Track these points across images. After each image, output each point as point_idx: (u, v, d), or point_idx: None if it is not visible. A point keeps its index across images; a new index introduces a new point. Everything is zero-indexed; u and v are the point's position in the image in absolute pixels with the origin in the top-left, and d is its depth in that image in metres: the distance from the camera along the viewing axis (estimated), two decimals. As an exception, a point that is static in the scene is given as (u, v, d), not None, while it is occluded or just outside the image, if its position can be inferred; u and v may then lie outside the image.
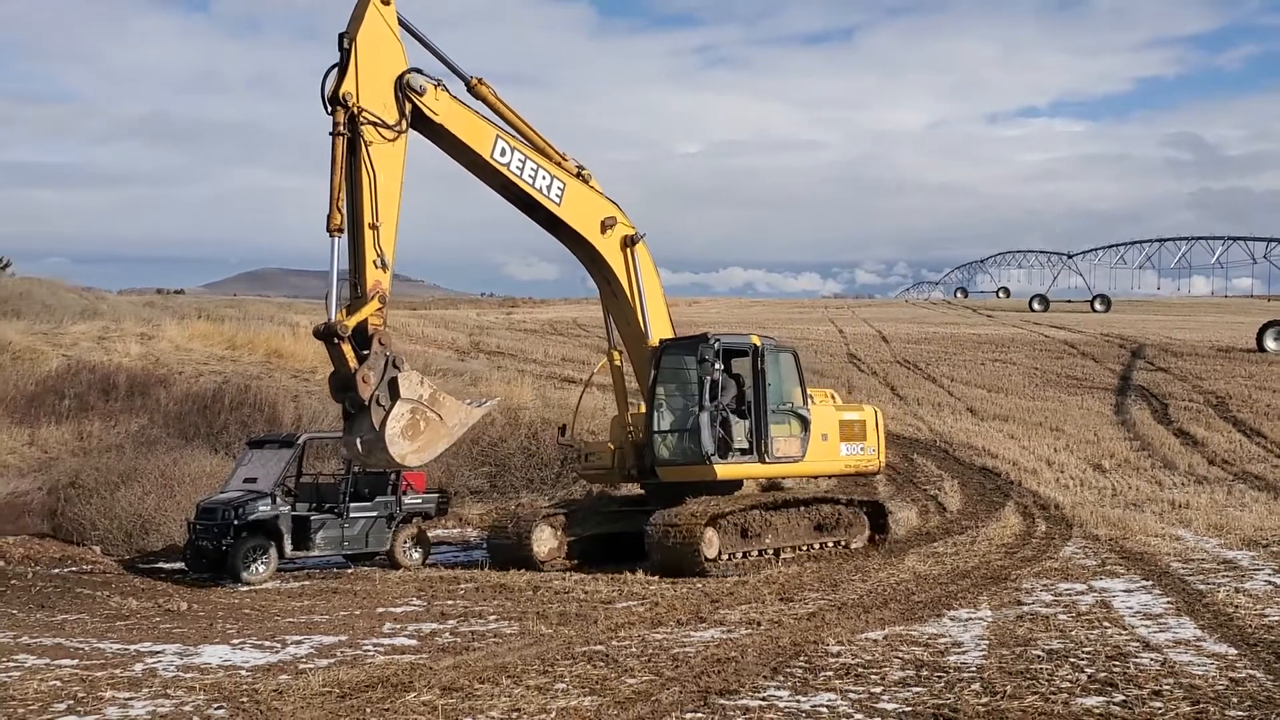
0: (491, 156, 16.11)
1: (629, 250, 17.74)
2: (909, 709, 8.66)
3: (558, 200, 16.88)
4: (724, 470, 16.95)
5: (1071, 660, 10.24)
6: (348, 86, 14.38)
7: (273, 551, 16.91)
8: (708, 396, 16.76)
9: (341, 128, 14.35)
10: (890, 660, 10.26)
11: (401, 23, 15.20)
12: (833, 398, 19.57)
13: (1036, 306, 76.95)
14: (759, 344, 17.60)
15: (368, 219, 14.39)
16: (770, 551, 17.07)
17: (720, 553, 16.28)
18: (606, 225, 17.49)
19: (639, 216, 17.88)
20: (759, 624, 12.08)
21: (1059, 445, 26.73)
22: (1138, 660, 10.20)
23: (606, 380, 20.44)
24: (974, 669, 9.94)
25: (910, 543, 18.53)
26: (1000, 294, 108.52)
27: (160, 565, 18.30)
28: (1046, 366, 39.40)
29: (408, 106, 15.04)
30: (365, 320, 14.28)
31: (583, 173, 17.43)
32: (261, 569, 16.66)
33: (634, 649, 10.83)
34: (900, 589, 14.33)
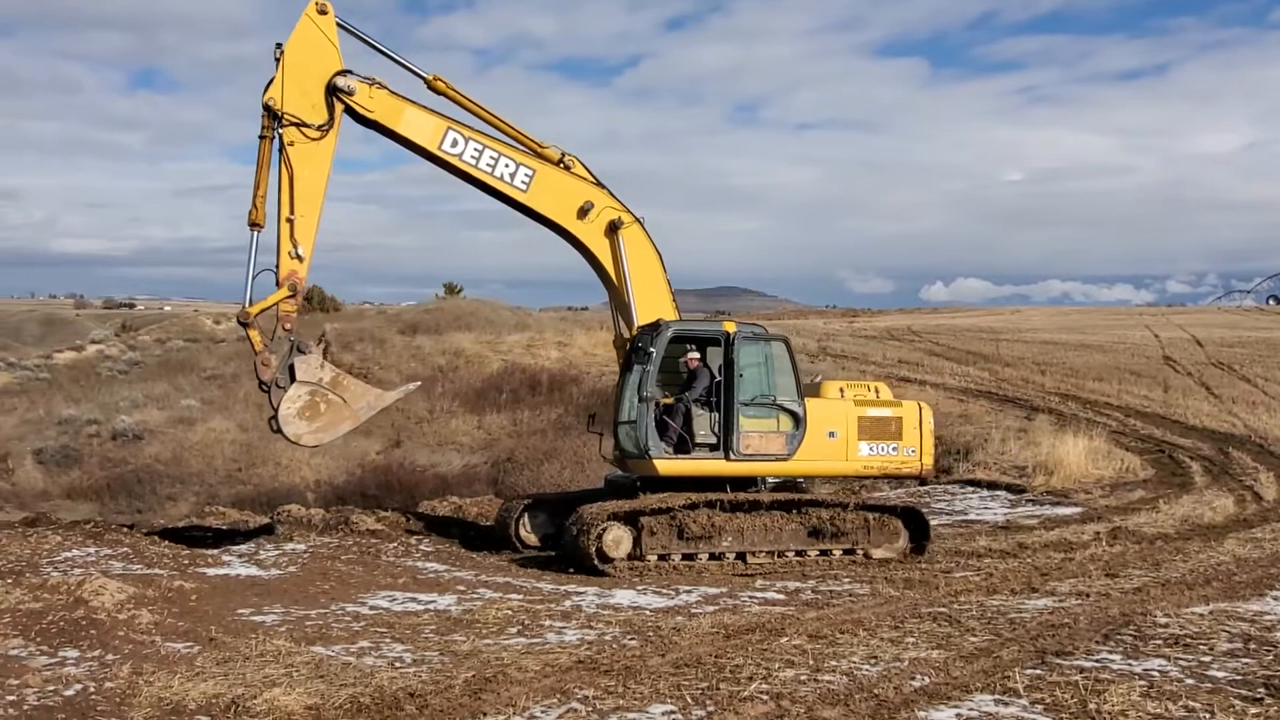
0: (439, 147, 14.06)
1: (614, 235, 14.75)
2: (1239, 677, 7.89)
3: (523, 187, 14.42)
4: (667, 466, 13.70)
5: (1404, 644, 9.02)
6: (273, 93, 13.22)
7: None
8: (648, 388, 13.68)
9: (265, 130, 13.29)
10: (1217, 633, 9.38)
11: (345, 27, 13.71)
12: (875, 392, 15.20)
13: (1351, 311, 68.55)
14: (731, 331, 14.08)
15: (284, 213, 13.18)
16: (730, 556, 13.63)
17: (644, 552, 13.20)
18: (584, 210, 14.67)
19: (965, 236, 15.52)
20: (1088, 595, 11.34)
21: (1379, 442, 23.65)
22: None
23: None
24: (1302, 646, 8.94)
25: (1229, 528, 16.83)
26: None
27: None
28: (1364, 368, 34.99)
29: (339, 108, 13.58)
30: (276, 307, 13.08)
31: (564, 159, 14.82)
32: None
33: (974, 612, 10.43)
34: (1221, 569, 13.06)
